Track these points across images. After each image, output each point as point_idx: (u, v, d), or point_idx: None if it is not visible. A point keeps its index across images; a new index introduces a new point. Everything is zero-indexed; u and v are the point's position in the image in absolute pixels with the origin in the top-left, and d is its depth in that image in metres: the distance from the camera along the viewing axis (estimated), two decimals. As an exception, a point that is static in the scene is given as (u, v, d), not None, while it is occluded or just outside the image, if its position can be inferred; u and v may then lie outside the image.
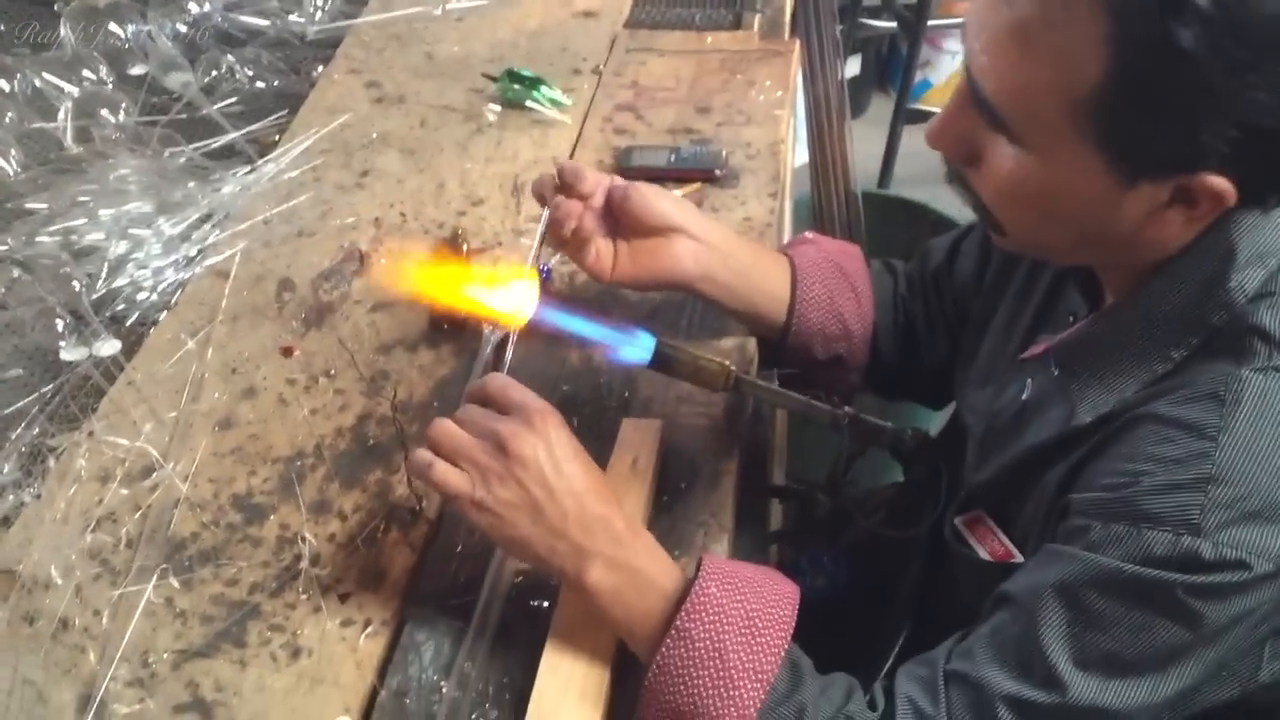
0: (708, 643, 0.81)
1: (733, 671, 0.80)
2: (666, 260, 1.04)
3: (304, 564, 0.96)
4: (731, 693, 0.80)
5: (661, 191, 1.05)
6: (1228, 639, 0.78)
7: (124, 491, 1.02)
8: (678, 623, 0.81)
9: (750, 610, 0.82)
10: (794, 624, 0.84)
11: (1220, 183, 0.73)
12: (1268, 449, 0.75)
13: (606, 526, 0.84)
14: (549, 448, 0.84)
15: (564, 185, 1.03)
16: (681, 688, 0.81)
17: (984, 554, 0.97)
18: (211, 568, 0.97)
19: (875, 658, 1.07)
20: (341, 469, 1.04)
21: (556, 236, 1.04)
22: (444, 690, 0.88)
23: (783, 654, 0.82)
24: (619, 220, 1.03)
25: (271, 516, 1.01)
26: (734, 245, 1.08)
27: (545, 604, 0.92)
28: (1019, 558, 0.94)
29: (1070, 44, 0.72)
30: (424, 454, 0.85)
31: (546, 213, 1.05)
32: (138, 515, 1.00)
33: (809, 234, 1.21)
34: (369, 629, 0.92)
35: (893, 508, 1.31)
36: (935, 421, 1.26)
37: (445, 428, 0.85)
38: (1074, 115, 0.74)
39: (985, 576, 0.92)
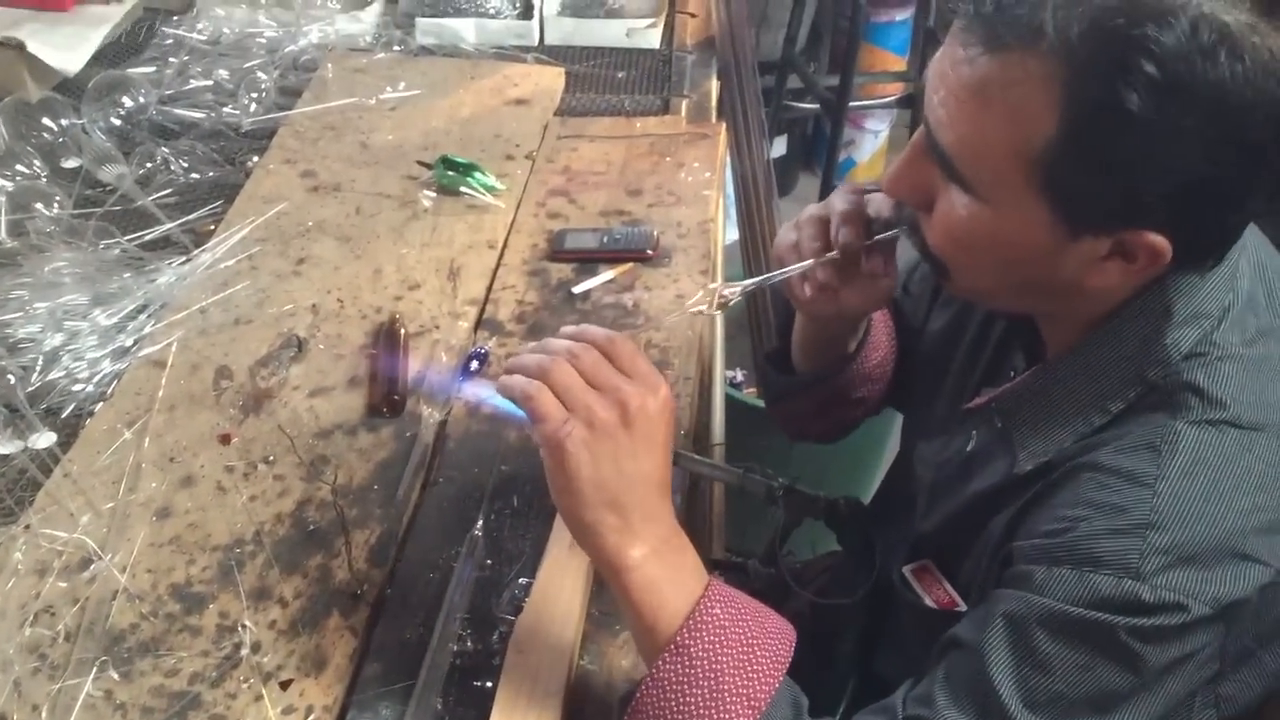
0: (705, 662, 0.81)
1: (725, 694, 0.81)
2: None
3: (244, 652, 0.96)
4: (722, 714, 0.81)
5: None
6: (1167, 686, 0.80)
7: (62, 584, 1.01)
8: (678, 638, 0.81)
9: (750, 637, 0.83)
10: (790, 660, 0.84)
11: (1158, 240, 0.78)
12: (1201, 497, 0.79)
13: (662, 521, 0.84)
14: (664, 429, 0.84)
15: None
16: (673, 702, 0.81)
17: (929, 602, 1.00)
18: (151, 659, 0.96)
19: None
20: (281, 555, 1.04)
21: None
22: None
23: (777, 685, 0.82)
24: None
25: (211, 605, 1.00)
26: None
27: (489, 684, 0.92)
28: (963, 606, 0.97)
29: (1026, 103, 0.76)
30: (522, 380, 0.83)
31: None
32: (76, 608, 0.99)
33: None
34: (311, 716, 0.92)
35: (830, 576, 1.33)
36: (869, 490, 1.29)
37: (564, 367, 0.83)
38: (1025, 170, 0.78)
39: (931, 624, 0.94)
